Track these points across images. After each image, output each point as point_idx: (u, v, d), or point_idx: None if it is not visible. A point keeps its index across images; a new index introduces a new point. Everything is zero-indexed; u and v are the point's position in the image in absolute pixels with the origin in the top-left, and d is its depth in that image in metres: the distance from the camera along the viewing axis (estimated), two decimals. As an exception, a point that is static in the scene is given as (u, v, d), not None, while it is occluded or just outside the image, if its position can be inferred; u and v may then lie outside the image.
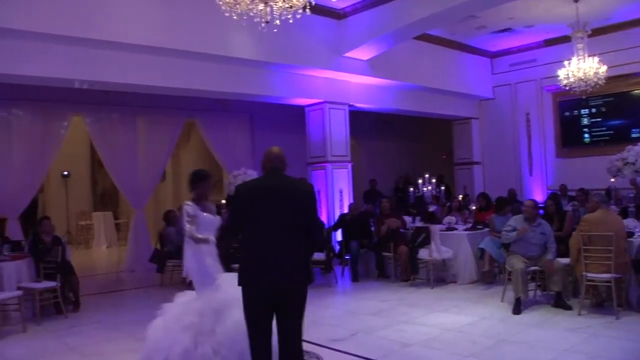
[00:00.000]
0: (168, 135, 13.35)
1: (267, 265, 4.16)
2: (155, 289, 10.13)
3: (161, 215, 11.66)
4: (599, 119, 14.61)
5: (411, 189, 13.69)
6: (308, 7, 6.76)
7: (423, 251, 9.50)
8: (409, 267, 9.67)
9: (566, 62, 11.73)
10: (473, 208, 11.93)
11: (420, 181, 13.18)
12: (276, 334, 4.29)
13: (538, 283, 8.09)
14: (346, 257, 10.71)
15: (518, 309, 7.28)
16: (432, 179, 13.30)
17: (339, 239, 11.16)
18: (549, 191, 14.10)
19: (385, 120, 17.62)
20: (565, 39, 12.89)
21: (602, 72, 11.46)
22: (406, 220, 10.95)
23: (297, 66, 11.38)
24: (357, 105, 13.31)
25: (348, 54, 11.81)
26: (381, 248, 10.23)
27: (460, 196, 13.89)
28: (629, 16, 13.06)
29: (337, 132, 12.58)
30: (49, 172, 14.25)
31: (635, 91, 14.02)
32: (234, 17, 6.83)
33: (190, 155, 17.52)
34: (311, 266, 4.47)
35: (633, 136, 13.72)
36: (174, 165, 17.67)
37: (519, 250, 7.72)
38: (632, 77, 13.69)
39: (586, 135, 14.86)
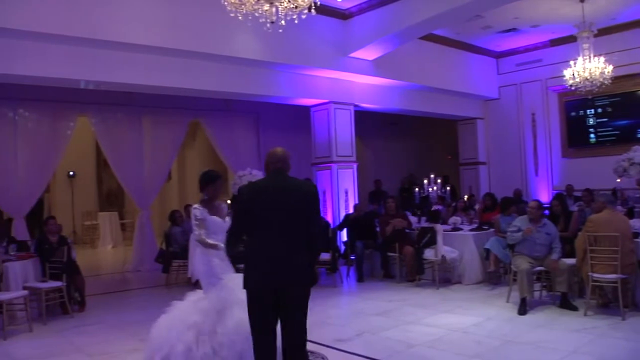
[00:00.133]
0: (173, 135, 13.39)
1: (271, 266, 4.17)
2: (160, 289, 10.15)
3: (166, 215, 11.68)
4: (605, 119, 14.55)
5: (416, 190, 13.67)
6: (313, 8, 6.76)
7: (428, 251, 9.50)
8: (415, 268, 9.64)
9: (572, 62, 11.70)
10: (479, 208, 11.93)
11: (425, 181, 13.15)
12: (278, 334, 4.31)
13: (544, 283, 8.08)
14: (351, 258, 10.70)
15: (523, 310, 7.27)
16: (438, 179, 13.27)
17: (344, 239, 11.16)
18: (555, 191, 14.06)
19: (390, 120, 17.60)
20: (571, 39, 12.89)
21: (608, 72, 11.42)
22: (412, 220, 10.95)
23: (303, 66, 11.38)
24: (363, 105, 13.31)
25: (353, 54, 11.80)
26: (386, 248, 10.22)
27: (465, 196, 13.88)
28: (635, 16, 13.00)
29: (343, 133, 12.57)
30: (55, 172, 14.31)
31: (641, 91, 13.97)
32: (240, 18, 6.84)
33: (195, 155, 17.54)
34: (315, 267, 4.46)
35: (639, 136, 13.68)
36: (180, 165, 17.72)
37: (525, 250, 7.71)
38: (638, 77, 13.61)
39: (592, 135, 14.81)
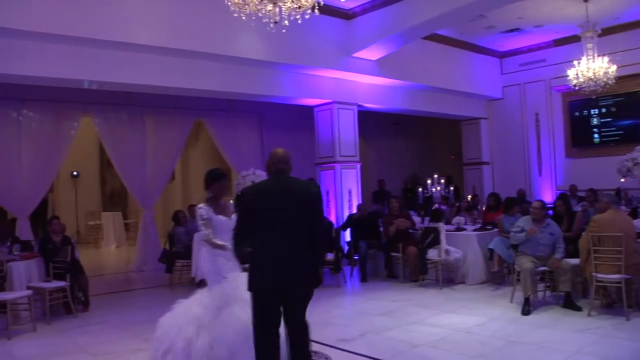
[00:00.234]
0: (177, 135, 13.40)
1: (274, 267, 4.18)
2: (164, 289, 10.15)
3: (170, 215, 11.67)
4: (609, 119, 14.52)
5: (420, 190, 13.66)
6: (316, 8, 6.76)
7: (432, 251, 9.49)
8: (418, 268, 9.64)
9: (576, 62, 11.68)
10: (482, 208, 11.91)
11: (429, 181, 13.14)
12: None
13: (547, 283, 8.06)
14: (355, 258, 10.69)
15: (527, 310, 7.26)
16: (441, 179, 13.26)
17: (348, 239, 11.16)
18: (559, 191, 14.04)
19: (394, 120, 17.59)
20: (574, 39, 12.84)
21: (612, 72, 11.41)
22: (415, 220, 10.94)
23: (306, 66, 11.38)
24: (366, 105, 13.30)
25: (357, 54, 11.80)
26: (390, 248, 10.22)
27: (469, 196, 13.86)
28: (639, 16, 12.99)
29: (346, 133, 12.57)
30: (59, 172, 14.33)
31: (645, 91, 13.93)
32: (243, 18, 6.84)
33: (199, 155, 17.54)
34: (320, 268, 4.46)
35: (643, 136, 13.64)
36: (183, 165, 17.71)
37: (528, 250, 7.69)
38: (642, 77, 13.59)
39: (596, 135, 14.78)
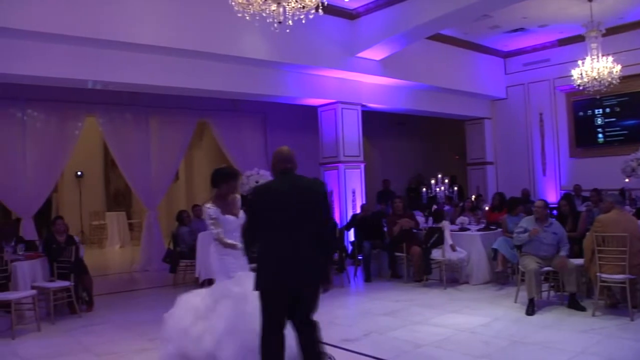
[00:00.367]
0: (181, 135, 13.42)
1: (283, 267, 4.16)
2: (168, 289, 10.15)
3: (174, 215, 11.69)
4: (613, 119, 14.47)
5: (424, 190, 13.65)
6: (320, 8, 6.76)
7: (436, 251, 9.48)
8: (422, 268, 9.63)
9: (580, 62, 11.65)
10: (486, 208, 11.89)
11: (432, 181, 13.13)
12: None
13: (551, 284, 8.05)
14: (359, 258, 10.69)
15: (531, 310, 7.24)
16: (445, 179, 13.24)
17: (352, 239, 11.16)
18: (563, 191, 14.01)
19: (398, 120, 17.57)
20: (579, 39, 12.84)
21: (616, 72, 11.37)
22: (419, 220, 10.93)
23: (310, 66, 11.38)
24: (370, 105, 13.30)
25: (360, 54, 11.79)
26: (394, 248, 10.21)
27: (473, 196, 13.84)
28: (643, 15, 12.96)
29: (350, 133, 12.57)
30: (63, 172, 14.35)
31: (650, 91, 13.89)
32: (247, 18, 6.84)
33: (202, 155, 17.54)
34: (329, 268, 4.47)
35: (647, 136, 13.61)
36: (187, 165, 17.73)
37: (532, 250, 7.68)
38: (647, 77, 13.56)
39: (600, 135, 14.75)
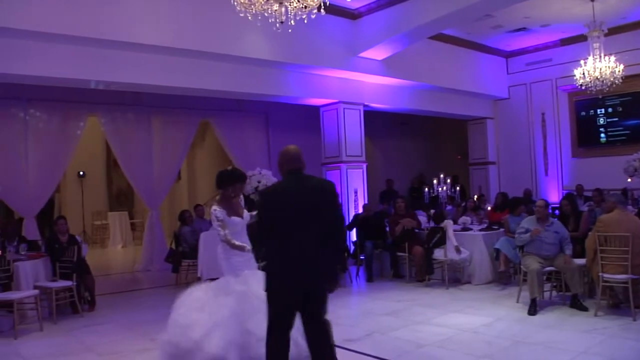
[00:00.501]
0: (183, 135, 13.41)
1: (297, 268, 4.14)
2: (170, 289, 10.13)
3: (176, 215, 11.68)
4: (616, 119, 14.46)
5: (426, 189, 13.63)
6: (323, 7, 6.76)
7: (438, 251, 9.48)
8: (424, 268, 9.63)
9: (582, 62, 11.65)
10: (489, 208, 11.87)
11: (435, 181, 13.12)
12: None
13: (554, 284, 8.04)
14: (361, 257, 10.69)
15: (534, 310, 7.24)
16: (447, 179, 13.23)
17: (354, 239, 11.15)
18: (565, 191, 14.00)
19: (400, 120, 17.57)
20: (581, 38, 12.81)
21: (619, 72, 11.37)
22: (422, 220, 10.92)
23: (312, 66, 11.38)
24: (372, 105, 13.30)
25: (363, 54, 11.79)
26: (396, 248, 10.21)
27: (475, 196, 13.83)
28: (646, 15, 12.94)
29: (352, 132, 12.57)
30: (65, 172, 14.34)
31: (652, 91, 13.85)
32: (249, 18, 6.84)
33: (205, 155, 17.56)
34: (339, 268, 4.47)
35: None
36: (189, 165, 17.74)
37: (534, 250, 7.67)
38: (649, 77, 13.53)
39: (602, 135, 14.73)
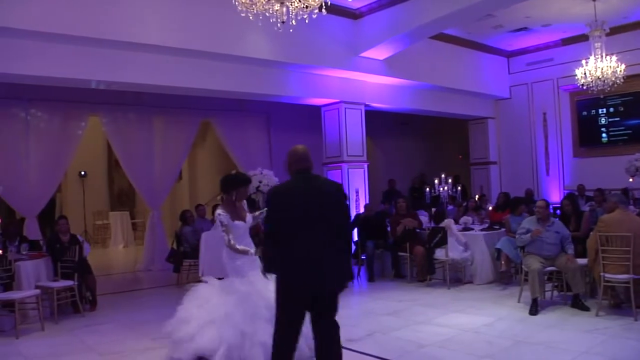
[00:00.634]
0: (184, 135, 13.42)
1: (308, 269, 4.11)
2: (171, 289, 10.16)
3: (177, 214, 11.69)
4: (617, 119, 14.45)
5: (427, 189, 13.63)
6: (324, 7, 6.75)
7: (439, 251, 9.47)
8: (425, 268, 9.63)
9: (584, 61, 11.64)
10: (490, 208, 11.87)
11: (436, 181, 13.11)
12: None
13: (555, 284, 8.04)
14: (362, 257, 10.69)
15: (535, 310, 7.23)
16: (448, 179, 13.23)
17: (355, 239, 11.13)
18: (566, 191, 13.99)
19: (401, 120, 17.57)
20: (582, 38, 12.79)
21: (620, 71, 11.36)
22: (423, 220, 10.91)
23: (313, 66, 11.38)
24: (373, 105, 13.29)
25: (364, 54, 11.79)
26: (397, 248, 10.20)
27: (476, 196, 13.82)
28: (648, 15, 12.92)
29: (353, 132, 12.57)
30: (67, 172, 14.36)
31: (654, 90, 13.83)
32: (250, 18, 6.84)
33: (206, 155, 17.57)
34: (348, 269, 4.46)
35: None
36: (190, 165, 17.75)
37: (535, 250, 7.66)
38: (651, 76, 13.51)
39: (604, 134, 14.72)
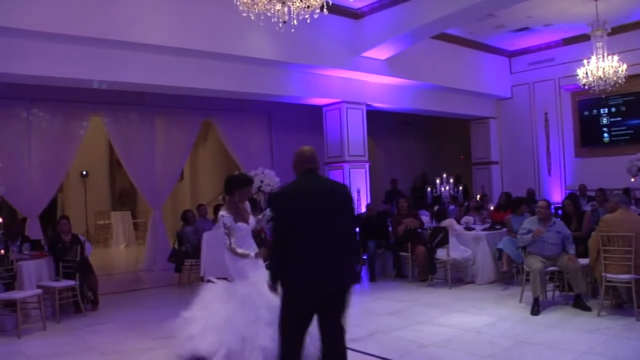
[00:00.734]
0: (186, 135, 13.43)
1: (310, 269, 4.08)
2: (173, 288, 10.18)
3: (179, 214, 11.69)
4: (619, 118, 14.44)
5: (429, 189, 13.63)
6: (325, 7, 6.76)
7: (441, 251, 9.47)
8: (427, 267, 9.62)
9: (585, 61, 11.62)
10: (491, 208, 11.86)
11: (437, 181, 13.11)
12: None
13: (556, 283, 8.03)
14: (363, 257, 10.68)
15: (536, 310, 7.23)
16: (450, 179, 13.23)
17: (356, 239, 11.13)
18: (568, 191, 13.99)
19: (402, 120, 17.57)
20: (584, 38, 12.80)
21: (622, 71, 11.34)
22: (424, 220, 10.91)
23: (315, 66, 11.38)
24: (375, 105, 13.29)
25: (365, 54, 11.79)
26: (398, 248, 10.20)
27: (478, 196, 13.82)
28: (650, 14, 12.91)
29: (355, 132, 12.57)
30: (68, 172, 14.37)
31: (655, 90, 13.82)
32: (252, 17, 6.85)
33: (207, 155, 17.57)
34: (355, 267, 4.46)
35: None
36: (192, 165, 17.75)
37: (536, 250, 7.66)
38: (653, 76, 13.49)
39: (605, 134, 14.71)
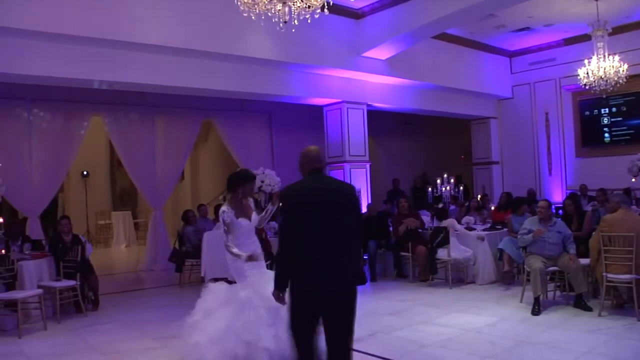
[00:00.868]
0: (186, 135, 13.43)
1: (323, 272, 4.06)
2: (173, 288, 10.18)
3: (180, 214, 11.70)
4: (620, 118, 14.44)
5: (429, 189, 13.63)
6: (326, 7, 6.76)
7: (442, 251, 9.46)
8: (427, 267, 9.62)
9: (586, 61, 11.61)
10: (492, 208, 11.86)
11: (438, 181, 13.11)
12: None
13: (557, 283, 8.03)
14: (364, 257, 10.66)
15: (537, 310, 7.22)
16: (451, 179, 13.22)
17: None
18: (569, 191, 13.98)
19: (403, 120, 17.56)
20: (585, 38, 12.80)
21: (623, 71, 11.33)
22: (425, 220, 10.91)
23: (315, 66, 11.38)
24: (375, 105, 13.29)
25: (366, 54, 11.79)
26: (399, 248, 10.20)
27: (478, 196, 13.81)
28: (650, 14, 12.90)
29: (355, 132, 12.57)
30: (69, 172, 14.37)
31: (656, 90, 13.81)
32: (252, 18, 6.84)
33: (208, 155, 17.57)
34: (360, 267, 4.44)
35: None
36: (192, 165, 17.75)
37: (537, 250, 7.66)
38: (654, 76, 13.49)
39: (606, 134, 14.71)
